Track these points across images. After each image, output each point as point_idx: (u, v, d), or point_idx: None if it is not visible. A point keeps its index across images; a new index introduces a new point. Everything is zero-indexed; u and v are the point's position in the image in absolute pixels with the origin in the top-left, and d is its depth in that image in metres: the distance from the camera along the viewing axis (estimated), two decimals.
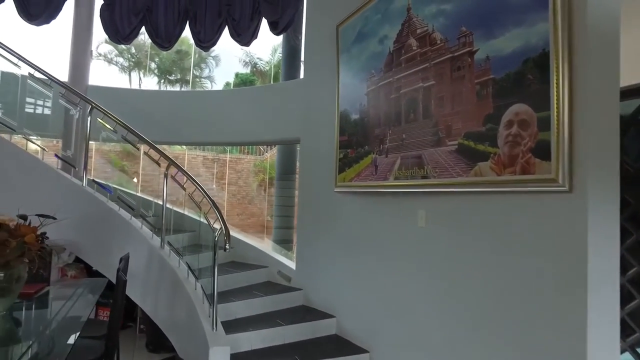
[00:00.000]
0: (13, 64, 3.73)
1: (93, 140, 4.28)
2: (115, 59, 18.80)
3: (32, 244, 2.22)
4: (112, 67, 18.84)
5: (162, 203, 3.76)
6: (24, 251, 2.17)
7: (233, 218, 16.30)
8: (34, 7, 5.05)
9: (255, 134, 5.25)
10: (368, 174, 3.34)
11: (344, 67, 3.79)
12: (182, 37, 5.88)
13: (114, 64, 18.75)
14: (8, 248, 2.14)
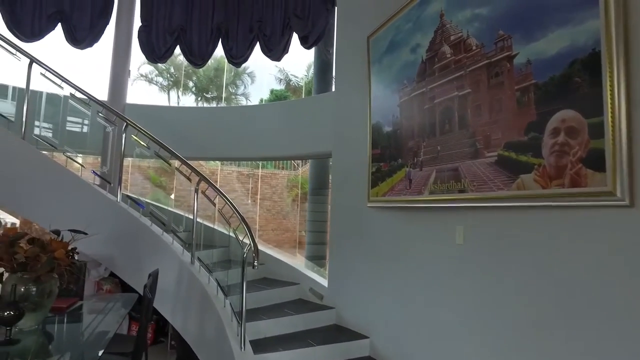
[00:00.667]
0: (57, 85, 3.90)
1: (128, 157, 4.37)
2: (155, 79, 19.64)
3: (62, 259, 2.24)
4: (152, 86, 19.68)
5: (193, 218, 3.76)
6: (53, 266, 2.18)
7: (268, 233, 16.38)
8: (79, 32, 5.32)
9: (287, 148, 5.23)
10: (402, 188, 3.19)
11: (375, 79, 3.70)
12: (218, 56, 6.04)
13: (154, 83, 19.59)
14: (39, 263, 2.17)
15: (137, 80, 18.63)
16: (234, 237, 3.58)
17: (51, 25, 5.23)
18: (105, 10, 5.48)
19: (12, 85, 3.89)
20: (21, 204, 3.64)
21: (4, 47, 3.77)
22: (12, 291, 2.13)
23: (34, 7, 5.13)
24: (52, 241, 2.29)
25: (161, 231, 3.93)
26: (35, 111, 3.95)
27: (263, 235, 16.41)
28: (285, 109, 5.44)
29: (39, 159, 3.70)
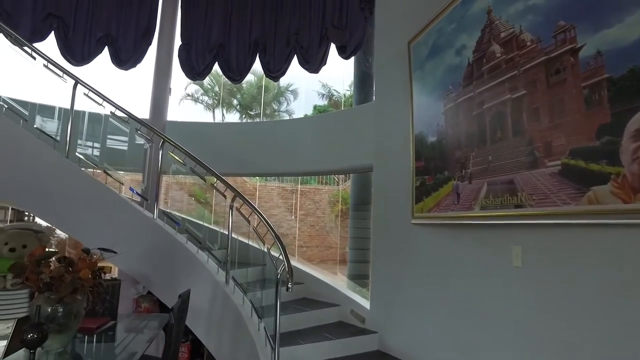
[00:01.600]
0: (98, 104, 3.99)
1: (167, 174, 4.38)
2: (201, 98, 20.36)
3: (87, 279, 2.16)
4: (198, 105, 20.41)
5: (228, 236, 3.65)
6: (77, 287, 2.10)
7: (312, 249, 16.21)
8: (123, 53, 5.51)
9: (326, 162, 5.05)
10: (449, 204, 2.90)
11: (417, 86, 3.45)
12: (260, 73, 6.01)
13: (200, 102, 20.31)
14: (63, 283, 2.10)
15: (183, 99, 19.41)
16: (272, 255, 3.43)
17: (99, 48, 5.46)
18: (148, 31, 5.65)
19: (58, 106, 4.00)
20: (63, 219, 3.70)
21: (54, 70, 3.91)
22: (36, 312, 2.07)
23: (84, 32, 5.38)
24: (79, 260, 2.23)
25: (196, 249, 3.85)
26: (78, 130, 4.04)
27: (306, 252, 16.27)
28: (324, 122, 5.29)
29: (80, 177, 3.76)
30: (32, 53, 3.83)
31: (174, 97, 18.70)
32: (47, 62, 3.86)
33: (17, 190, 3.54)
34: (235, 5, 5.80)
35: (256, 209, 3.52)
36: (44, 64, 3.85)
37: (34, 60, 3.84)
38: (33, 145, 3.62)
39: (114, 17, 5.56)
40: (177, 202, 9.00)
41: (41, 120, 3.87)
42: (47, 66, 3.86)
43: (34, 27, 5.11)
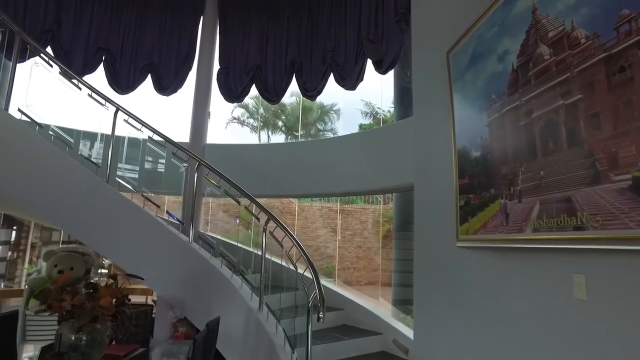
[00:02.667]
0: (137, 129, 4.09)
1: (205, 197, 4.38)
2: (247, 121, 20.92)
3: (108, 307, 2.10)
4: (244, 128, 20.96)
5: (261, 261, 3.53)
6: (96, 316, 2.04)
7: (359, 271, 15.83)
8: (165, 80, 5.70)
9: (365, 182, 4.85)
10: (496, 225, 2.59)
11: (458, 98, 3.20)
12: None
13: (246, 125, 20.86)
14: (84, 311, 2.05)
15: (230, 123, 20.03)
16: (307, 281, 3.26)
17: (143, 77, 5.69)
18: (188, 57, 5.82)
19: (100, 132, 4.15)
20: (102, 242, 3.77)
21: (97, 99, 4.07)
22: (58, 341, 2.03)
23: (129, 62, 5.64)
24: (101, 289, 2.18)
25: (230, 273, 3.77)
26: (119, 154, 4.15)
27: (354, 273, 15.89)
28: (363, 140, 5.11)
29: (119, 201, 3.83)
30: (78, 84, 4.01)
31: (220, 120, 19.35)
32: (92, 91, 4.02)
33: (60, 214, 3.65)
34: (271, 26, 5.86)
35: (289, 232, 3.38)
36: (88, 93, 4.02)
37: (80, 90, 4.01)
38: (76, 171, 3.73)
39: (157, 45, 5.79)
40: (216, 224, 9.10)
41: (85, 146, 4.01)
42: (91, 95, 4.02)
43: (86, 61, 5.42)
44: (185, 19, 5.96)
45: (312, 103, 21.27)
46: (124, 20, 5.71)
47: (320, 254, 16.21)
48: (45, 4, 5.27)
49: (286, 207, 16.41)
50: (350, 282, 15.81)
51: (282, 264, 4.02)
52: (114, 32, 5.62)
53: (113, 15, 5.66)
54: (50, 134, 3.86)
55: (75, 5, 5.43)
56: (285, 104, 21.29)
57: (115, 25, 5.65)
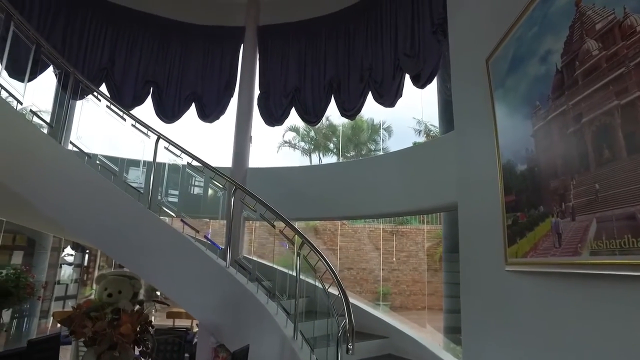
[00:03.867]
0: (177, 156, 4.20)
1: (238, 219, 4.36)
2: (298, 144, 21.22)
3: (128, 334, 2.06)
4: (296, 151, 21.26)
5: (296, 286, 3.40)
6: (115, 344, 2.01)
7: (416, 294, 15.16)
8: (208, 108, 5.89)
9: (407, 202, 4.60)
10: (548, 247, 2.27)
11: (500, 107, 2.94)
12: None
13: (297, 148, 21.15)
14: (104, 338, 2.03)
15: (281, 147, 20.44)
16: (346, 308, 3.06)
17: (187, 105, 5.93)
18: (229, 85, 5.99)
19: (143, 159, 4.31)
20: (143, 266, 3.84)
21: (139, 128, 4.25)
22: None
23: (174, 93, 5.91)
24: (123, 316, 2.16)
25: (266, 299, 3.66)
26: (159, 180, 4.27)
27: (410, 297, 15.22)
28: (404, 158, 4.87)
29: (159, 227, 3.91)
30: (123, 115, 4.22)
31: (272, 144, 19.81)
32: (135, 121, 4.21)
33: (104, 238, 3.79)
34: (309, 49, 5.89)
35: (322, 256, 3.23)
36: (132, 123, 4.21)
37: (124, 121, 4.22)
38: (120, 198, 3.87)
39: (200, 75, 6.02)
40: (262, 248, 9.11)
41: (128, 174, 4.17)
42: (134, 125, 4.21)
43: (135, 94, 5.75)
44: (226, 48, 6.18)
45: (362, 123, 21.22)
46: (170, 54, 6.03)
47: (374, 277, 15.76)
48: (102, 46, 5.71)
49: (338, 228, 16.24)
50: (407, 307, 15.14)
51: (319, 289, 3.87)
52: (161, 66, 5.94)
53: (160, 50, 6.00)
54: (98, 163, 4.06)
55: (126, 45, 5.84)
56: (335, 126, 21.43)
57: (162, 59, 5.98)
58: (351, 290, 15.13)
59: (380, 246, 15.88)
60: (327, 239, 16.54)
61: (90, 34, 5.62)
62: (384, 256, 16.30)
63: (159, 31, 6.04)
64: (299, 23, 6.10)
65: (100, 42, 5.67)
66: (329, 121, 20.95)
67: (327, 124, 21.12)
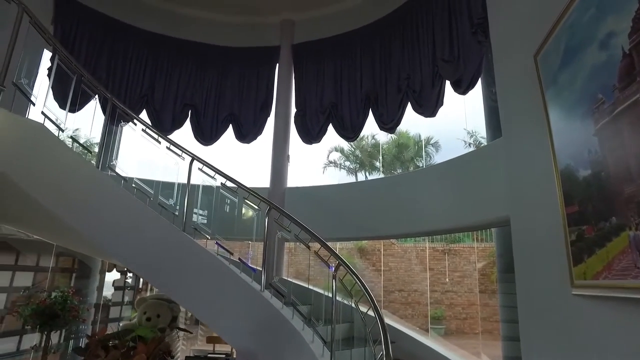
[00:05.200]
0: (210, 177, 4.14)
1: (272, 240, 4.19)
2: (343, 163, 21.05)
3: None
4: (342, 171, 21.08)
5: (332, 312, 3.14)
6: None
7: (473, 318, 14.20)
8: (245, 128, 5.89)
9: (451, 218, 4.24)
10: (628, 266, 1.88)
11: (553, 106, 2.59)
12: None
13: (342, 168, 20.97)
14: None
15: (327, 167, 20.37)
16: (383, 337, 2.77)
17: (224, 127, 5.96)
18: (265, 104, 5.97)
19: (177, 182, 4.29)
20: (177, 289, 3.76)
21: (174, 151, 4.25)
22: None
23: (212, 115, 5.97)
24: (139, 344, 2.02)
25: (302, 325, 3.43)
26: (194, 202, 4.23)
27: (467, 320, 14.29)
28: (446, 171, 4.51)
29: (193, 249, 3.82)
30: (157, 138, 4.24)
31: (317, 165, 19.81)
32: (170, 144, 4.22)
33: (139, 261, 3.75)
34: (344, 63, 5.77)
35: (359, 278, 2.97)
36: (166, 146, 4.22)
37: (159, 144, 4.24)
38: (155, 221, 3.84)
39: (236, 97, 6.06)
40: (299, 269, 8.87)
41: (163, 196, 4.16)
42: (169, 148, 4.22)
43: (174, 118, 5.87)
44: (262, 68, 6.20)
45: (408, 139, 20.76)
46: (207, 77, 6.14)
47: (426, 299, 14.99)
48: (142, 74, 5.92)
49: (387, 248, 15.73)
50: (464, 330, 14.21)
51: (359, 314, 3.58)
52: (198, 89, 6.05)
53: (197, 74, 6.13)
54: (134, 187, 4.09)
55: (165, 71, 6.02)
56: (381, 143, 21.14)
57: (199, 82, 6.10)
58: (402, 314, 14.45)
59: (428, 266, 15.16)
60: (376, 259, 16.04)
61: (132, 63, 5.85)
62: (436, 276, 15.52)
63: (196, 56, 6.18)
64: (333, 38, 6.01)
65: (141, 70, 5.88)
66: (374, 139, 20.70)
67: (372, 142, 20.88)
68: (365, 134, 20.09)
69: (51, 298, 5.06)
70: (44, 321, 4.82)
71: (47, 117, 3.67)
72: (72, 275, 7.87)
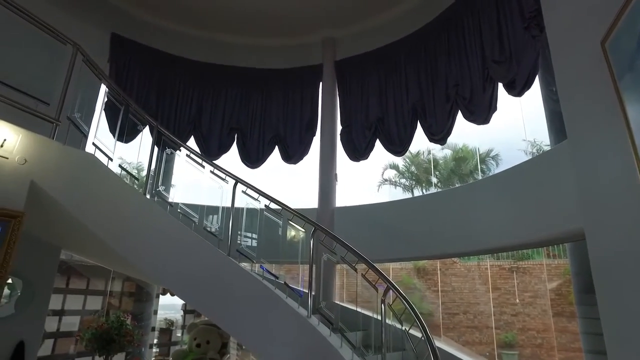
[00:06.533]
0: (254, 199, 4.08)
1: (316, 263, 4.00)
2: (399, 181, 20.52)
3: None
4: (397, 189, 20.54)
5: (381, 340, 2.87)
6: None
7: (548, 344, 12.90)
8: (291, 149, 5.84)
9: (513, 234, 3.82)
10: None
11: (630, 96, 2.21)
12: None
13: (398, 185, 20.44)
14: None
15: (381, 185, 19.97)
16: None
17: (270, 149, 5.95)
18: (311, 124, 5.90)
19: (221, 206, 4.26)
20: (221, 315, 3.67)
21: (217, 174, 4.24)
22: None
23: (258, 137, 6.00)
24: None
25: (351, 354, 3.17)
26: (237, 226, 4.16)
27: (543, 345, 13.01)
28: (504, 182, 4.09)
29: (238, 273, 3.74)
30: (201, 162, 4.27)
31: (372, 184, 19.49)
32: (213, 167, 4.23)
33: (184, 286, 3.71)
34: (389, 76, 5.59)
35: (408, 302, 2.69)
36: (210, 170, 4.23)
37: (203, 168, 4.26)
38: (200, 246, 3.82)
39: (282, 117, 6.06)
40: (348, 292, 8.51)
41: (207, 220, 4.15)
42: (213, 172, 4.22)
43: (221, 142, 5.96)
44: (305, 88, 6.17)
45: (466, 152, 19.92)
46: (252, 100, 6.22)
47: (495, 320, 13.88)
48: (190, 101, 6.12)
49: (449, 267, 14.93)
50: (540, 357, 12.94)
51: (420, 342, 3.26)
52: (243, 113, 6.14)
53: (242, 98, 6.23)
54: (179, 212, 4.11)
55: (212, 97, 6.18)
56: (437, 158, 20.47)
57: (244, 106, 6.19)
58: (469, 338, 13.47)
59: (490, 285, 14.12)
60: (438, 279, 15.24)
61: (179, 91, 6.09)
62: (504, 297, 14.40)
63: (241, 80, 6.30)
64: (375, 51, 5.86)
65: (188, 98, 6.09)
66: (431, 155, 20.09)
67: (428, 157, 20.27)
68: (421, 149, 19.57)
69: (108, 322, 5.21)
70: (102, 345, 4.96)
71: (97, 147, 3.82)
72: (133, 299, 8.17)
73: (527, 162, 3.92)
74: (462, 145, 19.87)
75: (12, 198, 2.98)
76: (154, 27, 6.31)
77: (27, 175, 3.08)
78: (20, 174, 3.05)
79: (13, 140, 3.06)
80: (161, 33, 6.32)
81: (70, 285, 8.86)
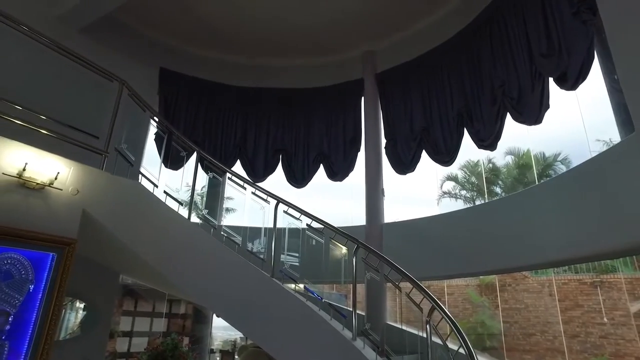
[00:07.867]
0: (296, 218, 4.02)
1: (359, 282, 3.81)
2: (459, 193, 19.59)
3: None
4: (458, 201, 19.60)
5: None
6: None
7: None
8: (336, 166, 5.77)
9: (576, 245, 3.39)
10: None
11: None
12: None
13: (459, 197, 19.52)
14: None
15: (441, 198, 19.18)
16: None
17: (315, 167, 5.93)
18: (355, 139, 5.82)
19: (263, 227, 4.24)
20: (265, 338, 3.59)
21: (259, 195, 4.25)
22: None
23: (302, 156, 6.01)
24: None
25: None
26: (281, 247, 4.11)
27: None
28: (565, 185, 3.65)
29: (282, 295, 3.66)
30: (243, 184, 4.31)
31: (431, 197, 18.82)
32: (255, 189, 4.24)
33: (228, 308, 3.70)
34: (431, 82, 5.38)
35: (454, 323, 2.44)
36: (252, 191, 4.25)
37: (245, 190, 4.29)
38: (244, 268, 3.81)
39: (325, 135, 6.03)
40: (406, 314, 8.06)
41: (250, 242, 4.14)
42: (254, 193, 4.24)
43: (266, 164, 6.04)
44: (347, 103, 6.11)
45: (528, 159, 18.68)
46: (295, 120, 6.27)
47: (579, 343, 12.51)
48: (235, 126, 6.30)
49: (520, 282, 13.81)
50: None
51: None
52: (287, 133, 6.19)
53: (285, 119, 6.31)
54: (222, 234, 4.15)
55: (255, 121, 6.34)
56: (499, 166, 19.37)
57: (288, 126, 6.25)
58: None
59: (558, 302, 12.82)
60: (509, 296, 14.14)
61: (225, 117, 6.31)
62: (588, 315, 12.97)
63: (283, 101, 6.38)
64: (416, 60, 5.67)
65: (233, 123, 6.28)
66: (491, 163, 19.06)
67: (489, 167, 19.23)
68: (481, 158, 18.65)
69: (163, 345, 5.35)
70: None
71: (143, 175, 3.99)
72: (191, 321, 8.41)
73: (593, 159, 3.43)
74: (525, 151, 18.64)
75: (65, 226, 3.16)
76: (199, 58, 6.62)
77: (79, 204, 3.26)
78: (73, 204, 3.24)
79: (65, 172, 3.26)
80: (205, 63, 6.61)
81: (137, 308, 9.35)
